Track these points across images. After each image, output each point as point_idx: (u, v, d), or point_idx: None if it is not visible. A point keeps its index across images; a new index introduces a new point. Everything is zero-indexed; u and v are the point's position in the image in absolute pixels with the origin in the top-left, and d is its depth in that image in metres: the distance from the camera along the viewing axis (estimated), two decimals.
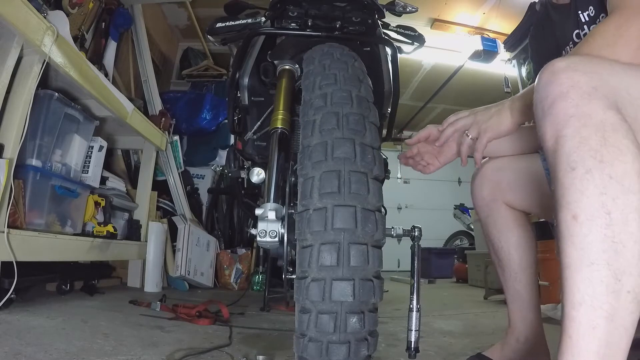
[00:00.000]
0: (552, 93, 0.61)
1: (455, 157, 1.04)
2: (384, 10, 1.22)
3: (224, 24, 1.18)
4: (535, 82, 0.64)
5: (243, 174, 1.88)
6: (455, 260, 5.03)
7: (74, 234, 1.86)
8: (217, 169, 3.51)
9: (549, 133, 0.60)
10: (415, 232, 0.96)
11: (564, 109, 0.58)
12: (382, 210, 0.69)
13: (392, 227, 0.89)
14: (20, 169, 1.52)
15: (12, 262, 1.36)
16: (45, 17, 1.52)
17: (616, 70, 0.62)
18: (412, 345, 0.95)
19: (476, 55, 3.84)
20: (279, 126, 0.88)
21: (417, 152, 1.06)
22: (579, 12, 0.95)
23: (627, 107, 0.59)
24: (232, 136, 2.94)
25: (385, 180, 0.84)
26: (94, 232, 2.00)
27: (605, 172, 0.53)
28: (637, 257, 0.51)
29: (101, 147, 2.10)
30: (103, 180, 2.23)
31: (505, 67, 4.07)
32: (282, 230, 0.77)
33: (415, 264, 0.97)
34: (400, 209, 7.45)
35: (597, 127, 0.55)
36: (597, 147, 0.54)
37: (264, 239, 0.75)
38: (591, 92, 0.58)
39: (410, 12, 1.34)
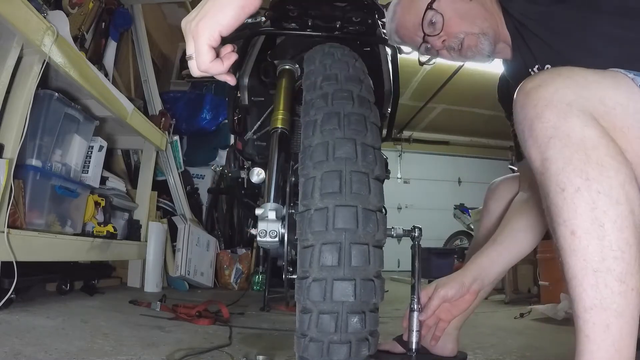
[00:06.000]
0: (529, 115, 0.62)
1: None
2: (384, 10, 1.22)
3: None
4: (513, 104, 0.66)
5: (243, 174, 1.88)
6: (456, 260, 5.01)
7: (74, 234, 1.86)
8: (217, 169, 3.51)
9: (534, 155, 0.62)
10: (415, 232, 0.96)
11: (543, 131, 0.60)
12: (383, 210, 0.69)
13: (393, 227, 0.88)
14: (20, 169, 1.52)
15: (12, 262, 1.36)
16: (45, 17, 1.52)
17: (589, 82, 0.63)
18: (412, 346, 0.96)
19: None
20: (279, 126, 0.87)
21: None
22: (529, 69, 0.92)
23: (604, 118, 0.60)
24: (232, 136, 2.94)
25: (385, 180, 0.84)
26: (94, 232, 2.00)
27: (593, 189, 0.56)
28: (635, 258, 0.55)
29: (101, 147, 2.10)
30: (103, 180, 2.23)
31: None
32: (283, 230, 0.77)
33: (416, 264, 0.97)
34: (400, 209, 7.46)
35: (578, 146, 0.58)
36: (582, 165, 0.57)
37: (264, 239, 0.75)
38: (566, 109, 0.59)
39: None
